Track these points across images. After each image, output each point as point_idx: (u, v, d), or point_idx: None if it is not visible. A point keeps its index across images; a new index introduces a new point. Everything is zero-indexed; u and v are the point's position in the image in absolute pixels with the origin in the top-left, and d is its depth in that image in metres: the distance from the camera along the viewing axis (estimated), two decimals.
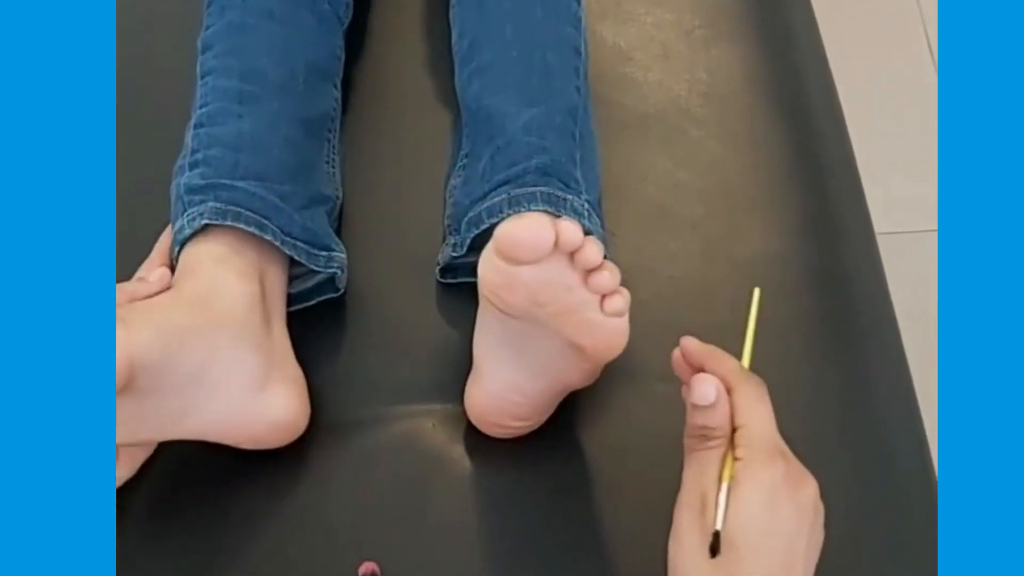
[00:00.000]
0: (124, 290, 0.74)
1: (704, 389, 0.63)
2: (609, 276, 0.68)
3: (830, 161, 0.97)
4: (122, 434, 0.69)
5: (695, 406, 0.63)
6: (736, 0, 1.07)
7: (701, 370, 0.64)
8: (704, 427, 0.62)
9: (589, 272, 0.68)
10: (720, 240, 0.90)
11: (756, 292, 0.68)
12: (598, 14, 1.01)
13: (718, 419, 0.62)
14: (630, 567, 0.74)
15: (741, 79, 1.01)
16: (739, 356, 0.67)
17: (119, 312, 0.68)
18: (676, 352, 0.66)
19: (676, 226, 0.91)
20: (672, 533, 0.61)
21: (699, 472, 0.61)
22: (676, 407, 0.80)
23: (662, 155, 0.96)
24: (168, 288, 0.75)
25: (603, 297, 0.69)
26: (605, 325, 0.70)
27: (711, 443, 0.62)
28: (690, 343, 0.66)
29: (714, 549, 0.58)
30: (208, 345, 0.72)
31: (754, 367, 0.67)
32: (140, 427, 0.70)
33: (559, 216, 0.78)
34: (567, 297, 0.68)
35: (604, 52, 0.99)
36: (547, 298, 0.68)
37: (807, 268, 0.89)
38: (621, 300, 0.69)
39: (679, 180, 0.94)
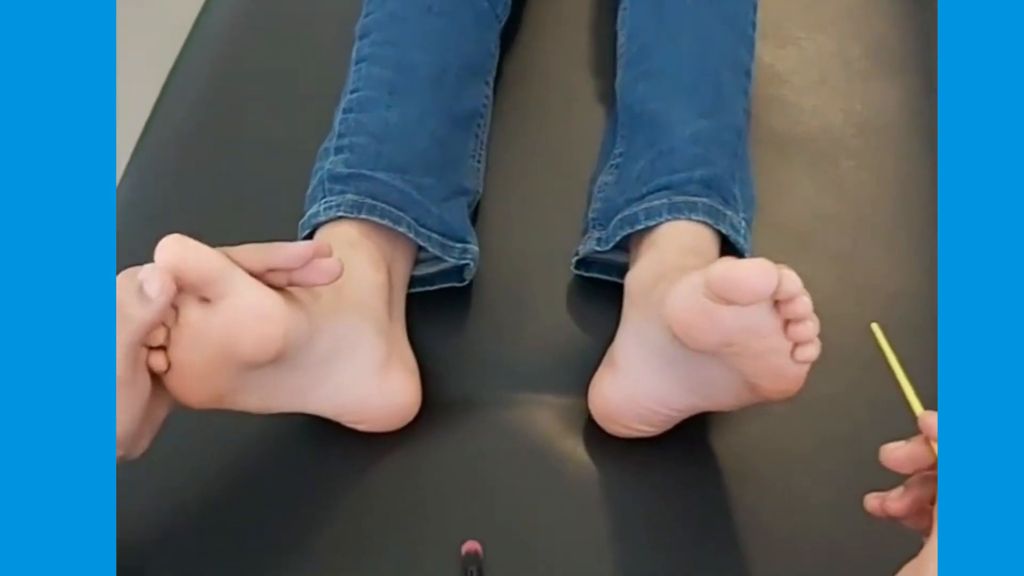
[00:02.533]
0: (262, 251, 0.66)
1: None
2: (812, 327, 0.66)
3: None
4: (253, 402, 0.71)
5: None
6: (900, 35, 1.06)
7: None
8: None
9: (791, 321, 0.66)
10: (857, 271, 0.88)
11: (876, 328, 0.64)
12: (757, 34, 1.00)
13: None
14: None
15: (897, 114, 0.99)
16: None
17: (286, 291, 0.67)
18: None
19: (814, 253, 0.89)
20: None
21: None
22: (792, 425, 0.79)
23: (807, 181, 0.95)
24: (339, 275, 0.68)
25: (796, 344, 0.67)
26: (789, 371, 0.68)
27: None
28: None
29: None
30: (342, 327, 0.73)
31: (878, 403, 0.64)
32: (270, 398, 0.72)
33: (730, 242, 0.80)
34: (761, 342, 0.66)
35: (759, 72, 0.97)
36: (740, 340, 0.66)
37: None
38: (814, 350, 0.67)
39: (821, 207, 0.93)
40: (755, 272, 0.63)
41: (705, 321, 0.66)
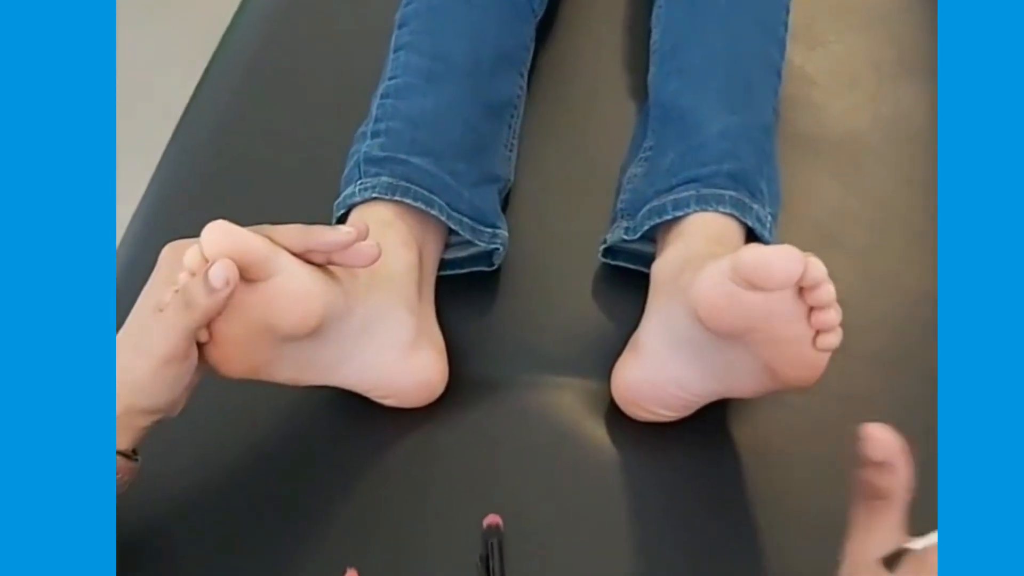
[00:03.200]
0: (304, 233, 0.68)
1: None
2: (835, 315, 0.67)
3: None
4: (287, 374, 0.72)
5: None
6: (931, 40, 1.06)
7: None
8: None
9: (815, 308, 0.67)
10: (883, 270, 0.89)
11: None
12: (789, 35, 1.01)
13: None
14: (745, 568, 0.74)
15: (926, 119, 1.00)
16: None
17: (327, 267, 0.70)
18: None
19: (838, 250, 0.89)
20: None
21: None
22: (810, 416, 0.80)
23: (833, 181, 0.95)
24: (377, 259, 0.70)
25: (818, 332, 0.68)
26: (810, 359, 0.69)
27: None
28: None
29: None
30: (373, 303, 0.75)
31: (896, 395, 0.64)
32: (303, 371, 0.74)
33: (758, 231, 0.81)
34: (784, 328, 0.67)
35: (789, 73, 0.98)
36: (764, 326, 0.67)
37: None
38: (836, 338, 0.68)
39: (847, 207, 0.94)
40: (782, 258, 0.64)
41: (730, 305, 0.67)
